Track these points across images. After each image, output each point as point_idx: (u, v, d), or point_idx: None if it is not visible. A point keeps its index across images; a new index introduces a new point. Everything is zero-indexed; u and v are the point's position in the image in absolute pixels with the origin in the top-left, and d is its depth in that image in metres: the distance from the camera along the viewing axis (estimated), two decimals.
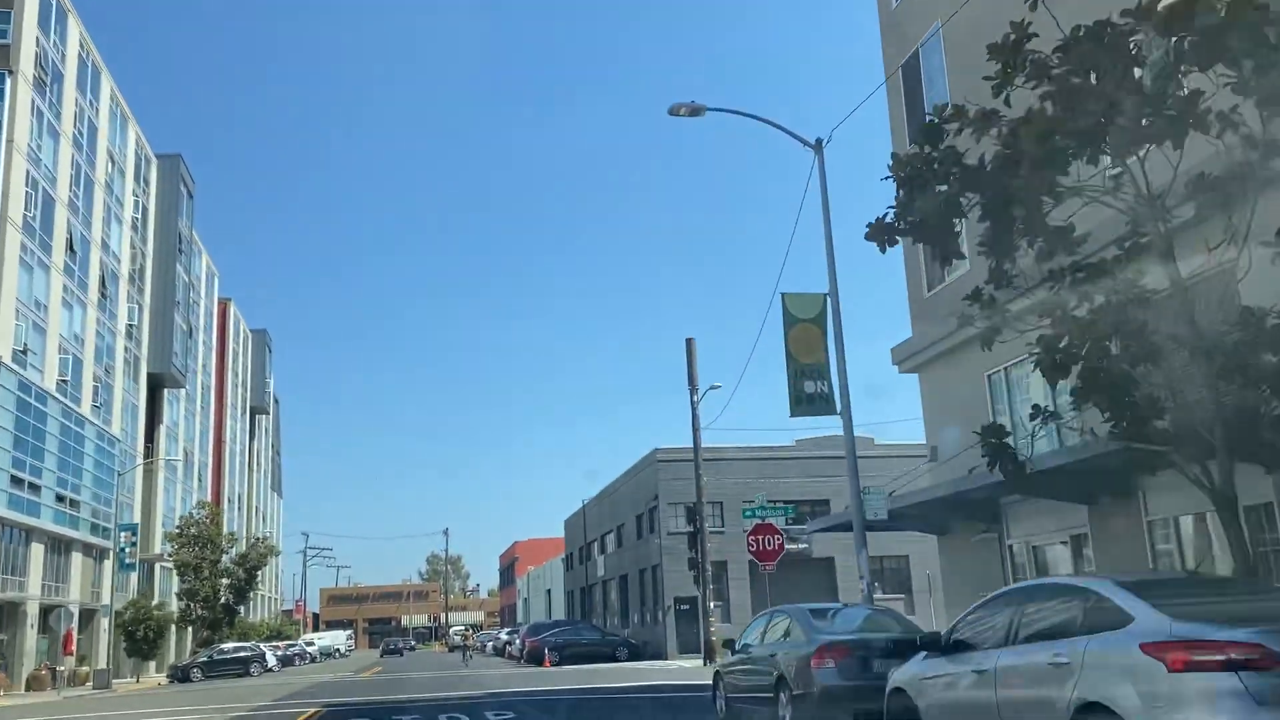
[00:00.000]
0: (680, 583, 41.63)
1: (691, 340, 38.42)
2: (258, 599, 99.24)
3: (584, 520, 61.27)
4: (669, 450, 43.02)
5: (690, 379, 38.00)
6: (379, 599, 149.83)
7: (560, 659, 41.20)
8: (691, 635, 41.37)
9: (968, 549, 18.79)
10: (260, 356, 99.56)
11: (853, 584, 42.96)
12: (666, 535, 41.98)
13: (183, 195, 64.33)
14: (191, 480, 71.38)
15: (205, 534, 58.30)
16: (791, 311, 16.35)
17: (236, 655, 49.24)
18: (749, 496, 42.25)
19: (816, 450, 43.83)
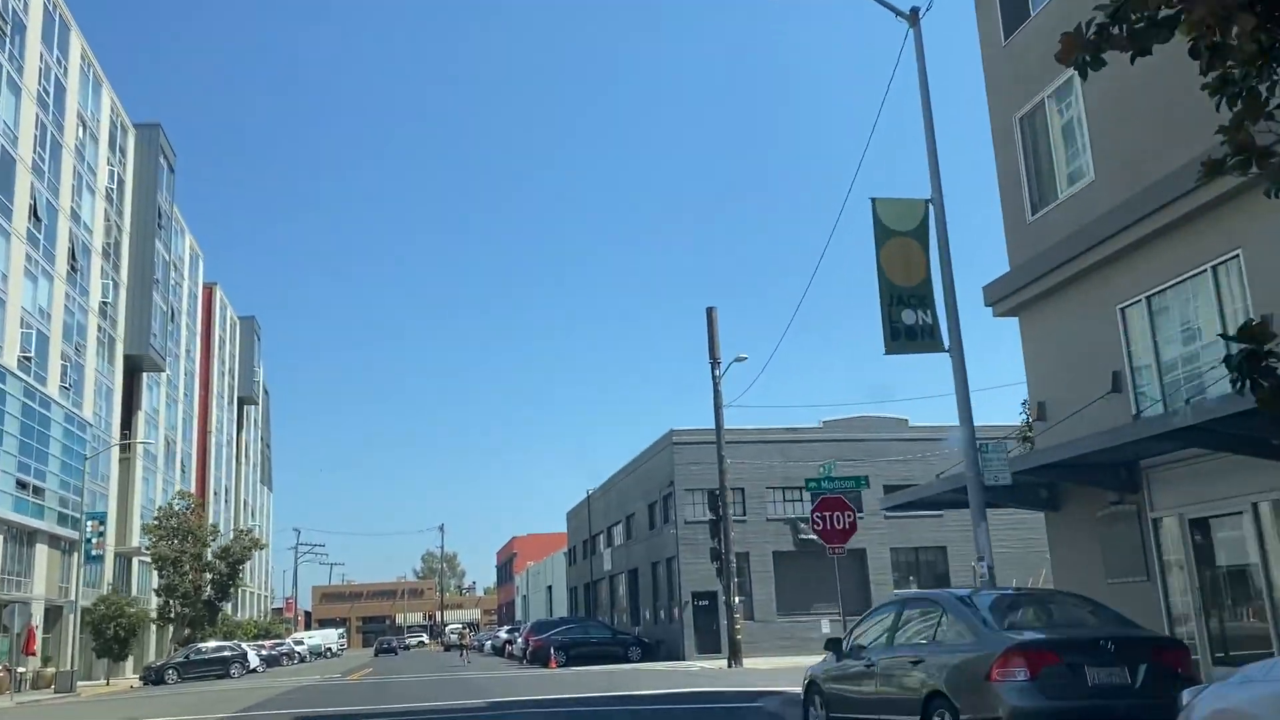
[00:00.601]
0: (698, 576, 38.09)
1: (712, 310, 34.95)
2: (246, 596, 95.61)
3: (589, 511, 57.69)
4: (686, 432, 39.48)
5: (711, 351, 34.50)
6: (373, 597, 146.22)
7: (567, 659, 37.73)
8: (711, 633, 37.87)
9: (1090, 527, 15.19)
10: (248, 344, 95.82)
11: (884, 574, 39.55)
12: (683, 524, 38.44)
13: (162, 168, 60.62)
14: (174, 471, 67.70)
15: (185, 526, 54.64)
16: (884, 222, 12.79)
17: (216, 655, 45.66)
18: (772, 482, 38.85)
19: (846, 432, 40.36)
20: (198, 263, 78.01)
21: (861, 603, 39.10)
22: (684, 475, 38.90)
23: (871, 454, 40.05)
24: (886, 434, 40.40)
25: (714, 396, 34.31)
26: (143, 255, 57.83)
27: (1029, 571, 38.85)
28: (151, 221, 58.56)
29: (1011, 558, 39.16)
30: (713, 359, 34.47)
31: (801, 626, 38.33)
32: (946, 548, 39.86)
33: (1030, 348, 16.55)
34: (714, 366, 34.45)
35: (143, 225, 58.27)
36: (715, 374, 34.40)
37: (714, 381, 34.34)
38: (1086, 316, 14.95)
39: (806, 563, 39.08)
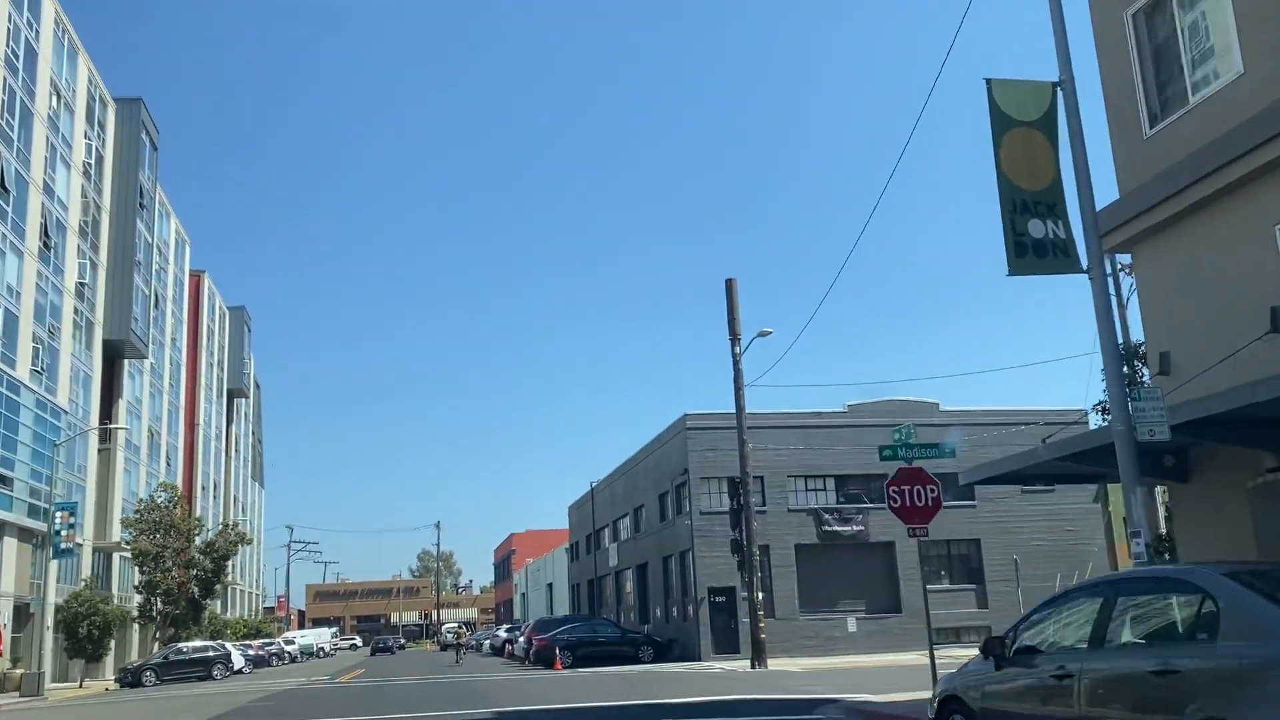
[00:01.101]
0: (715, 570, 35.38)
1: (732, 282, 32.29)
2: (236, 595, 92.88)
3: (592, 505, 54.95)
4: (701, 416, 36.75)
5: (731, 326, 31.82)
6: (367, 595, 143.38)
7: (574, 660, 35.02)
8: (728, 632, 35.17)
9: (1239, 499, 12.41)
10: (238, 335, 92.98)
11: (913, 569, 36.80)
12: (699, 515, 35.71)
13: (144, 144, 57.75)
14: (158, 463, 64.83)
15: (168, 519, 51.82)
16: (1003, 109, 10.05)
17: (197, 656, 42.89)
18: (794, 470, 36.19)
19: (872, 416, 37.62)
20: (184, 248, 75.15)
21: (889, 599, 36.49)
22: (699, 462, 36.17)
23: None
24: (916, 418, 37.64)
25: (734, 375, 31.60)
26: (124, 236, 54.96)
27: (1073, 567, 36.24)
28: (133, 200, 55.69)
29: (1052, 552, 36.57)
30: (732, 335, 31.78)
31: (826, 625, 35.67)
32: (980, 540, 37.20)
33: (1149, 288, 13.79)
34: (734, 343, 31.75)
35: (124, 204, 55.40)
36: (735, 351, 31.70)
37: (734, 359, 31.64)
38: (1229, 243, 12.22)
39: (831, 556, 36.44)
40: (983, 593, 36.91)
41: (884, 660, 31.03)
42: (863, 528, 36.37)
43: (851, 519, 36.38)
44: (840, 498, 36.92)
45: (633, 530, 45.69)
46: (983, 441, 37.72)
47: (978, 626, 36.57)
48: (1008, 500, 37.53)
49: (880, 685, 18.53)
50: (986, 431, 37.66)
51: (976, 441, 37.59)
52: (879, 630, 35.82)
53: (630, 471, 46.16)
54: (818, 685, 20.23)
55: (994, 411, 38.22)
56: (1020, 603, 32.12)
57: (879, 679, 20.95)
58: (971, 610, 36.66)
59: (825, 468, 36.86)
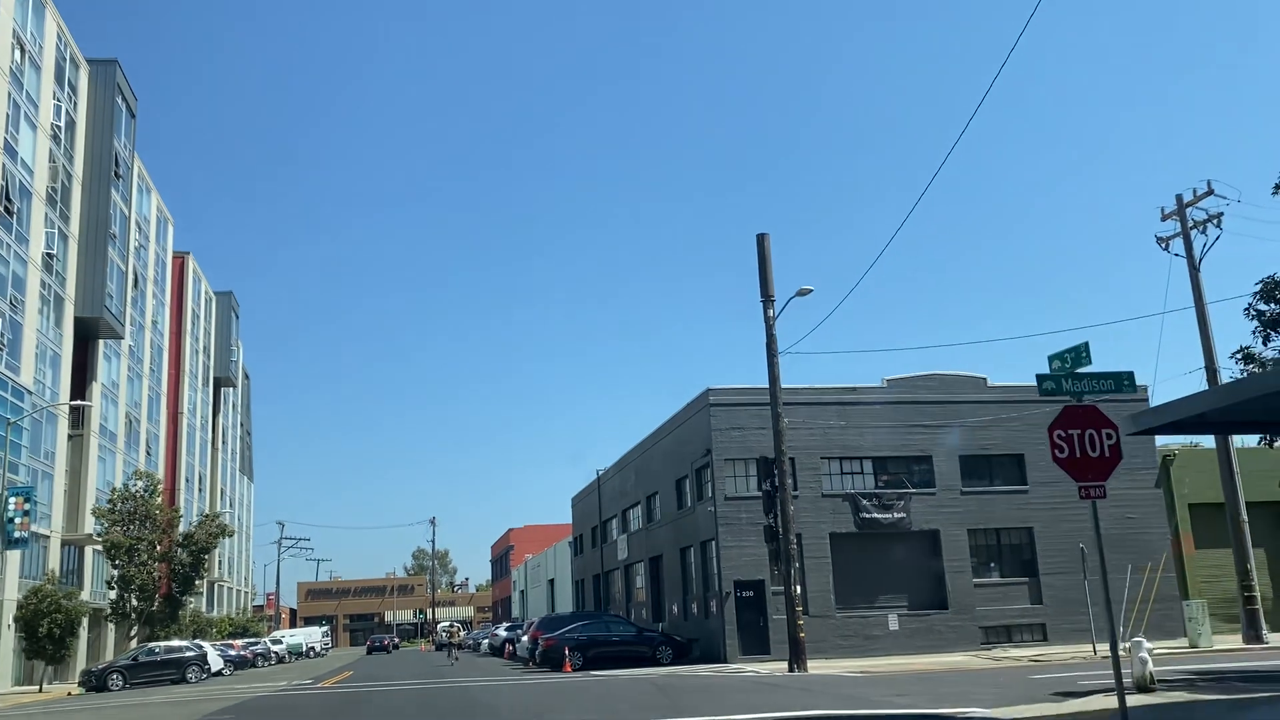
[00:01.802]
0: (742, 562, 31.83)
1: (764, 237, 28.74)
2: (223, 592, 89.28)
3: (599, 495, 51.37)
4: (726, 391, 33.18)
5: (763, 286, 28.29)
6: (361, 593, 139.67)
7: (584, 662, 31.47)
8: (757, 630, 31.62)
9: None
10: (225, 321, 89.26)
11: (960, 560, 33.38)
12: (723, 501, 32.15)
13: (120, 110, 54.06)
14: (136, 452, 61.14)
15: (144, 509, 48.18)
16: None
17: (170, 657, 39.20)
18: (828, 450, 32.68)
19: (914, 392, 34.13)
20: (166, 227, 71.44)
21: (933, 593, 33.00)
22: (724, 442, 32.60)
23: (944, 417, 33.85)
24: (962, 394, 34.21)
25: (767, 341, 28.04)
26: (97, 206, 51.32)
27: (1134, 559, 32.80)
28: (107, 169, 52.04)
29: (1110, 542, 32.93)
30: (765, 295, 28.23)
31: (865, 622, 32.13)
32: (1033, 529, 33.66)
33: None
34: (767, 304, 28.20)
35: (97, 173, 51.77)
36: (769, 313, 28.14)
37: (767, 322, 28.08)
38: None
39: (870, 547, 32.91)
40: (1036, 586, 33.38)
41: (935, 662, 27.51)
42: (904, 515, 32.83)
43: (892, 505, 32.85)
44: (879, 482, 33.37)
45: (645, 520, 42.12)
46: (1036, 420, 34.22)
47: (1032, 624, 33.11)
48: (1062, 484, 33.94)
49: (985, 695, 15.00)
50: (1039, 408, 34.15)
51: (1030, 420, 34.12)
52: (922, 628, 32.30)
53: (642, 456, 42.58)
54: (896, 693, 16.71)
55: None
56: (1087, 597, 28.57)
57: (968, 685, 17.44)
58: (1024, 606, 33.15)
59: (863, 449, 33.32)
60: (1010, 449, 34.13)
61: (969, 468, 33.95)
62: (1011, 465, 34.29)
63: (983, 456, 34.10)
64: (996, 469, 34.31)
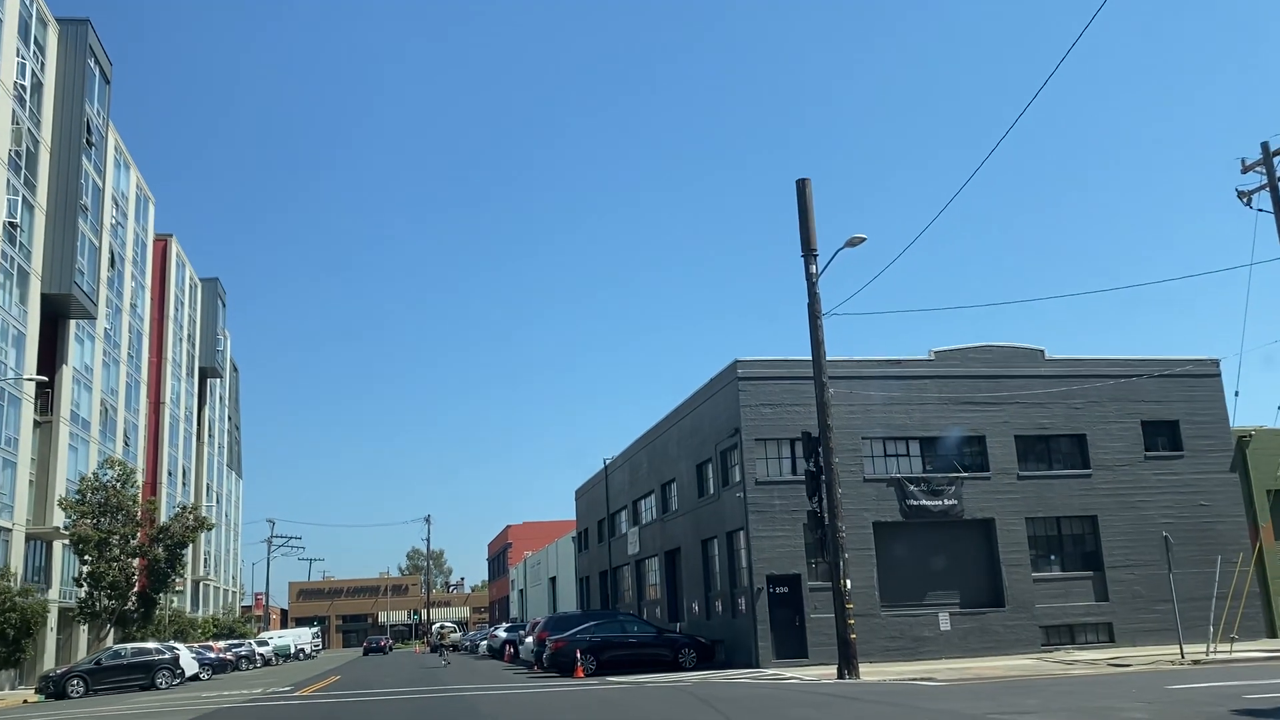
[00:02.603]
0: (776, 554, 28.35)
1: (805, 183, 25.29)
2: (209, 591, 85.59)
3: (606, 486, 47.90)
4: (757, 363, 29.69)
5: (805, 239, 24.82)
6: (354, 594, 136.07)
7: (598, 666, 28.06)
8: (792, 631, 28.14)
9: None
10: (211, 309, 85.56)
11: (1017, 552, 29.95)
12: (754, 486, 28.65)
13: (92, 73, 50.47)
14: (113, 442, 57.44)
15: (116, 500, 44.62)
16: None
17: (138, 660, 35.65)
18: (870, 430, 29.28)
19: (964, 366, 30.70)
20: (147, 206, 67.74)
21: (988, 589, 29.57)
22: (755, 420, 29.11)
23: (998, 394, 30.43)
24: (1017, 368, 30.77)
25: (809, 301, 24.56)
26: (67, 175, 47.73)
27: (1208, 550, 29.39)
28: (77, 134, 48.42)
29: (1182, 532, 29.57)
30: (806, 249, 24.74)
31: (913, 622, 28.68)
32: (1097, 517, 30.22)
33: None
34: (809, 260, 24.71)
35: (67, 140, 48.17)
36: (811, 269, 24.65)
37: (809, 280, 24.60)
38: None
39: (917, 537, 29.48)
40: (1101, 581, 29.92)
41: (999, 666, 24.08)
42: (956, 501, 29.38)
43: (942, 490, 29.40)
44: (927, 465, 29.94)
45: (659, 511, 38.63)
46: (1099, 396, 30.85)
47: (1097, 624, 29.69)
48: (1129, 467, 30.64)
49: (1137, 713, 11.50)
50: (1102, 384, 30.78)
51: (1093, 396, 30.72)
52: (976, 628, 28.86)
53: (656, 441, 39.09)
54: (1015, 710, 13.23)
55: (1111, 361, 31.30)
56: (1173, 593, 25.14)
57: (1090, 696, 13.97)
58: (1088, 603, 29.71)
59: (909, 428, 29.86)
60: (1071, 429, 30.73)
61: (1026, 449, 30.52)
62: (1072, 447, 30.88)
63: (1040, 437, 30.69)
64: (1055, 451, 30.89)
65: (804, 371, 29.14)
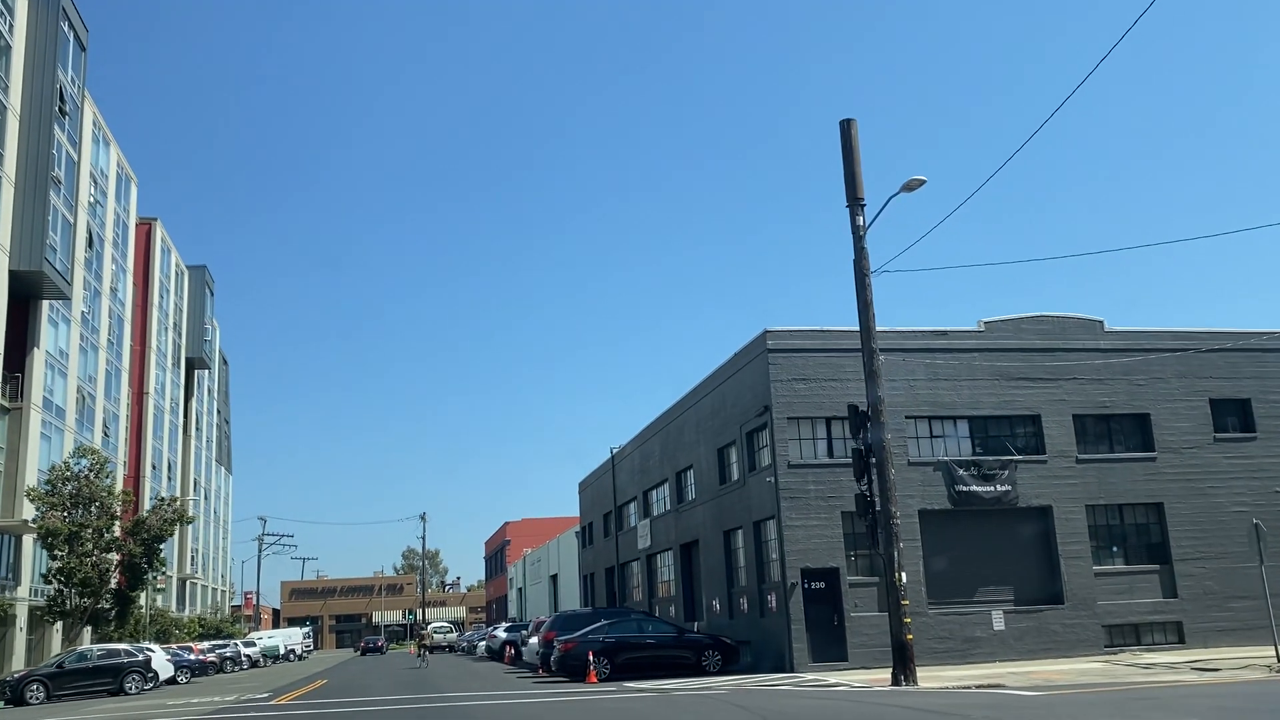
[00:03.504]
0: (812, 546, 25.42)
1: (850, 124, 22.34)
2: (196, 590, 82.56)
3: (613, 477, 44.99)
4: (789, 333, 26.74)
5: (850, 186, 21.90)
6: (347, 593, 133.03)
7: (612, 669, 25.11)
8: (830, 631, 25.21)
9: None
10: (199, 298, 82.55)
11: (1077, 543, 27.07)
12: (786, 469, 25.72)
13: (66, 38, 47.43)
14: (91, 432, 54.37)
15: (90, 492, 41.60)
16: None
17: (105, 663, 32.69)
18: (914, 408, 26.38)
19: (1017, 338, 27.78)
20: (129, 186, 64.63)
21: (1045, 584, 26.63)
22: (787, 397, 26.16)
23: (1055, 369, 27.53)
24: (1075, 340, 27.87)
25: (855, 257, 21.61)
26: (37, 144, 44.66)
27: None
28: (49, 102, 45.38)
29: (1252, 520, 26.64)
30: (852, 198, 21.80)
31: (963, 621, 25.77)
32: (1162, 505, 27.31)
33: None
34: (855, 210, 21.76)
35: (38, 107, 45.12)
36: (858, 221, 21.71)
37: (855, 233, 21.66)
38: None
39: (967, 527, 26.58)
40: (1169, 575, 27.03)
41: (1069, 670, 21.21)
42: (1010, 488, 26.47)
43: (994, 475, 26.48)
44: (977, 447, 27.03)
45: (674, 501, 35.69)
46: (1163, 372, 27.97)
47: (1165, 623, 26.78)
48: (1197, 450, 27.75)
49: None
50: (1166, 358, 27.91)
51: (1156, 371, 27.85)
52: (1033, 628, 25.95)
53: (671, 425, 36.15)
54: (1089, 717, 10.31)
55: (1176, 333, 28.41)
56: (1266, 590, 22.26)
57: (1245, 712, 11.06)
58: (1155, 600, 26.79)
59: (956, 406, 26.95)
60: (1133, 407, 27.84)
61: (1085, 430, 27.62)
62: (1134, 427, 27.97)
63: (1101, 416, 27.78)
64: (1117, 432, 27.99)
65: (841, 343, 26.38)
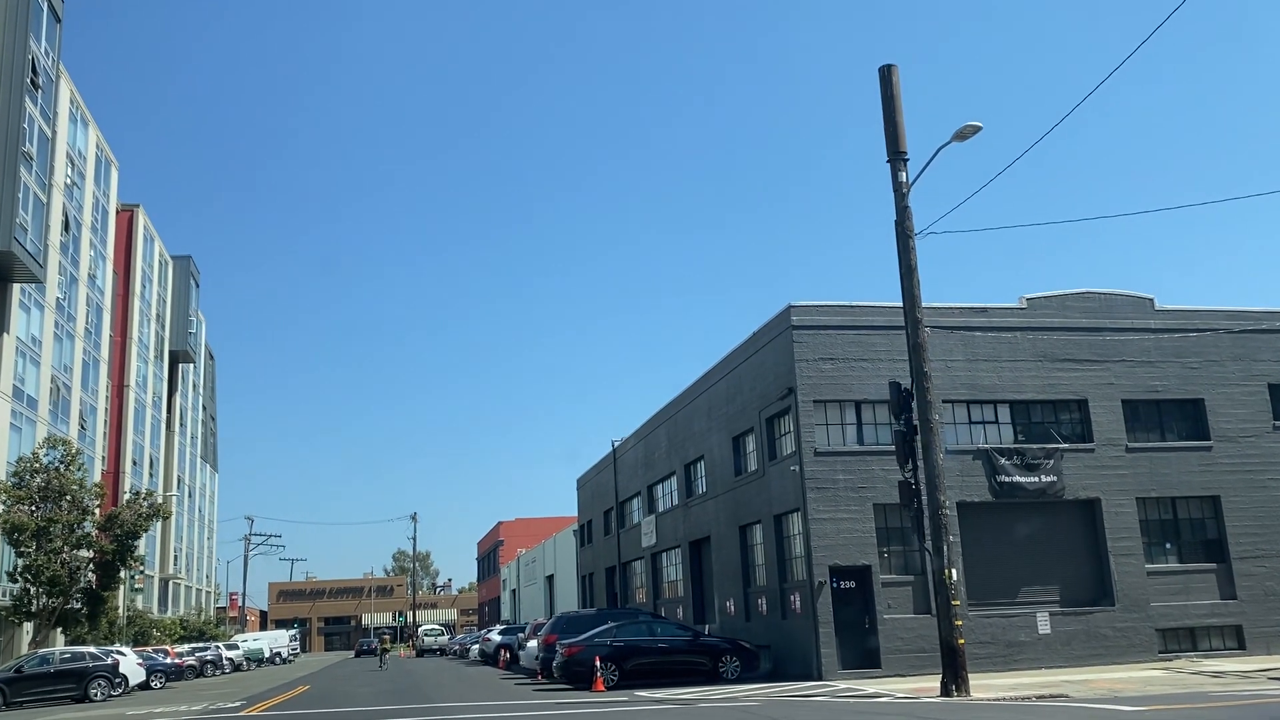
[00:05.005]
0: (840, 541, 23.12)
1: (892, 69, 20.13)
2: (179, 591, 79.96)
3: (614, 472, 42.68)
4: (815, 309, 24.42)
5: (891, 139, 19.68)
6: (336, 594, 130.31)
7: (620, 676, 22.85)
8: (860, 634, 22.93)
9: None
10: (183, 289, 79.97)
11: (1127, 539, 24.83)
12: (813, 457, 23.43)
13: (39, 6, 44.97)
14: (66, 424, 51.84)
15: (58, 485, 39.13)
16: None
17: (69, 667, 30.28)
18: (950, 393, 24.11)
19: (1062, 316, 25.55)
20: (109, 170, 62.08)
21: (1092, 581, 24.39)
22: (812, 378, 23.87)
23: (1102, 350, 25.32)
24: (1123, 319, 25.65)
25: (897, 217, 19.35)
26: (5, 115, 42.21)
27: None
28: (20, 72, 42.90)
29: None
30: (894, 152, 19.54)
31: (1006, 624, 23.49)
32: (1218, 497, 25.10)
33: None
34: (897, 165, 19.50)
35: (6, 76, 42.67)
36: (901, 178, 19.46)
37: (897, 190, 19.41)
38: None
39: (1009, 521, 24.32)
40: (1227, 574, 24.80)
41: (1123, 678, 18.99)
42: (1055, 478, 24.23)
43: (1039, 465, 24.24)
44: (1019, 434, 24.79)
45: (683, 495, 33.38)
46: (1218, 355, 25.76)
47: (1223, 626, 24.54)
48: (1255, 439, 25.54)
49: None
50: (1221, 339, 25.71)
51: (1210, 354, 25.65)
52: (1081, 631, 23.69)
53: (679, 415, 33.84)
54: None
55: (1231, 312, 26.20)
56: None
57: None
58: (1213, 602, 24.55)
59: (997, 389, 24.70)
60: (1186, 392, 25.63)
61: (1135, 416, 25.39)
62: (1187, 413, 25.75)
63: (1152, 402, 25.56)
64: (1169, 418, 25.78)
65: (872, 319, 24.18)
